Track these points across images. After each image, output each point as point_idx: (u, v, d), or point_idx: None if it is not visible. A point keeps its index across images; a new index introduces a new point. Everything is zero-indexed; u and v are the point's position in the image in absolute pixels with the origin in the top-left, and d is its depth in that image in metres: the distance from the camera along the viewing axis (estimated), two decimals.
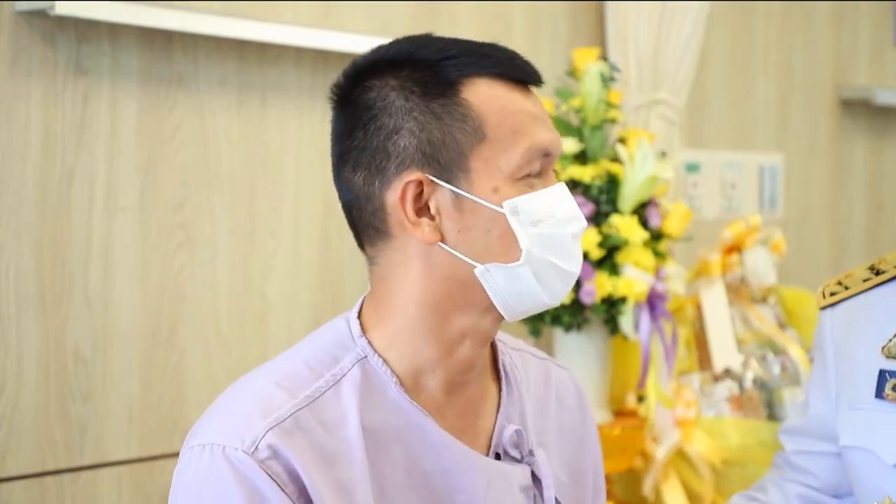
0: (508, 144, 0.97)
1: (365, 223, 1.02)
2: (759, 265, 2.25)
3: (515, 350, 1.15)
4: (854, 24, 2.84)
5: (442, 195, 0.97)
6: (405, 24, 2.00)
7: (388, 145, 0.98)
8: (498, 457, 1.04)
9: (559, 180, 1.03)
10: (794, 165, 2.74)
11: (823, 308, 1.42)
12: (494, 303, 0.99)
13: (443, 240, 0.98)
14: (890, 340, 1.32)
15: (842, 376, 1.36)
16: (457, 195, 0.97)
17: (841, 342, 1.37)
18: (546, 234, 0.98)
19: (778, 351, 2.23)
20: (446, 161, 0.97)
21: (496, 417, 1.05)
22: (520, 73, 1.00)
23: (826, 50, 2.79)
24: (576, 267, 1.01)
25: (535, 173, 0.98)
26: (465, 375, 1.03)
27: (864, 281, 1.39)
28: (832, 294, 1.40)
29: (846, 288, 1.40)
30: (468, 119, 0.97)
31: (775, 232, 2.32)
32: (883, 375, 1.31)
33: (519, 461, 1.05)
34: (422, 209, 0.98)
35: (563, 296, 1.03)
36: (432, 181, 0.97)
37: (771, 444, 1.90)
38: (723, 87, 2.60)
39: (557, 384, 1.16)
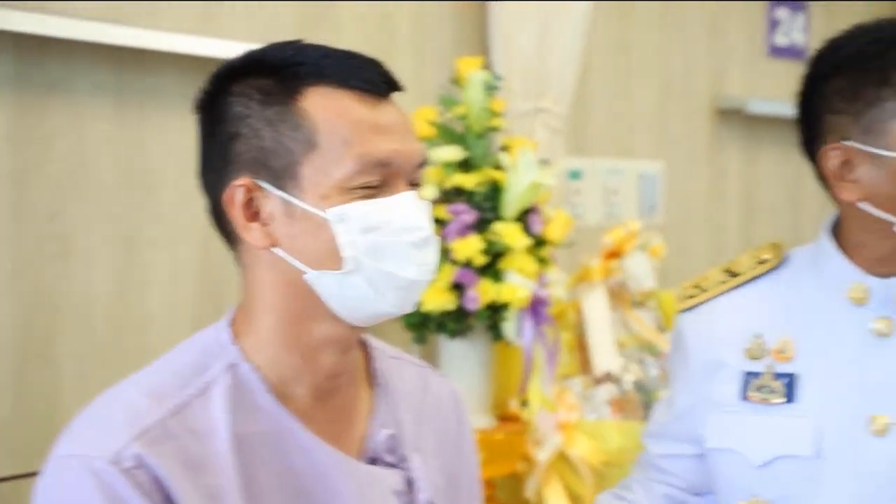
0: (339, 154, 0.97)
1: (223, 228, 1.02)
2: (639, 270, 2.31)
3: (393, 358, 1.15)
4: (728, 36, 2.93)
5: (273, 201, 0.97)
6: (288, 30, 1.99)
7: (226, 151, 0.98)
8: (372, 462, 1.05)
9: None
10: (673, 173, 2.81)
11: (681, 311, 1.43)
12: (332, 309, 0.99)
13: (277, 245, 0.98)
14: (752, 342, 1.35)
15: (704, 379, 1.38)
16: (286, 202, 0.97)
17: (702, 345, 1.39)
18: (379, 242, 0.97)
19: (657, 354, 2.29)
20: (278, 168, 0.97)
21: (369, 423, 1.06)
22: (367, 82, 0.99)
23: (702, 61, 2.87)
24: (419, 274, 0.99)
25: (374, 184, 0.98)
26: (333, 382, 1.03)
27: (721, 283, 1.41)
28: (690, 297, 1.41)
29: (703, 291, 1.42)
30: (301, 128, 0.97)
31: (654, 237, 2.38)
32: (746, 377, 1.35)
33: (393, 466, 1.05)
34: (254, 214, 0.98)
35: (409, 304, 1.02)
36: (262, 187, 0.97)
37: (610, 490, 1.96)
38: (604, 97, 2.66)
39: (435, 392, 1.17)
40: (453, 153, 1.99)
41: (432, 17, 2.28)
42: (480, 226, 1.98)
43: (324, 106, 0.97)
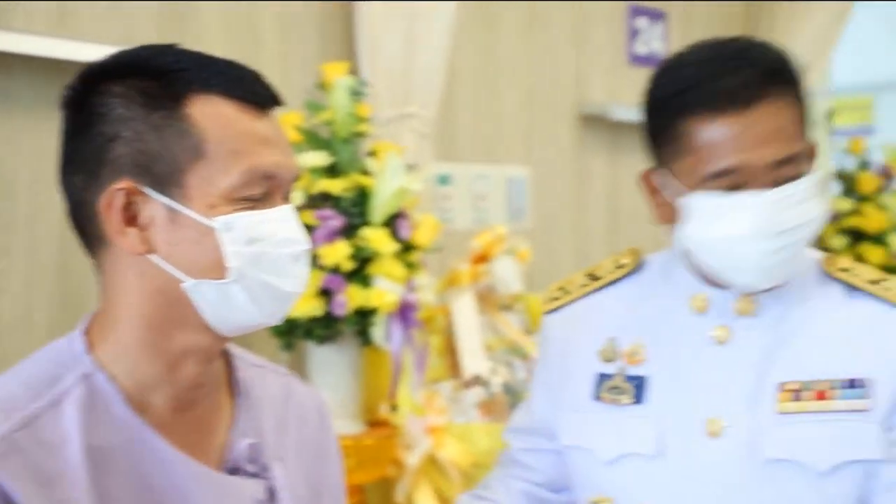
0: (227, 164, 0.96)
1: (86, 230, 0.99)
2: (506, 274, 2.34)
3: (255, 366, 1.14)
4: (591, 44, 3.00)
5: (154, 207, 0.96)
6: (149, 33, 1.95)
7: (104, 152, 0.96)
8: (233, 472, 1.04)
9: (289, 201, 1.03)
10: (539, 178, 2.86)
11: (546, 313, 1.47)
12: (206, 319, 0.98)
13: (154, 252, 0.96)
14: (606, 344, 1.40)
15: (562, 379, 1.42)
16: (170, 208, 0.96)
17: (562, 346, 1.44)
18: (262, 254, 0.97)
19: (524, 356, 2.32)
20: (161, 174, 0.95)
21: (230, 433, 1.05)
22: (252, 95, 0.99)
23: (566, 68, 2.93)
24: (295, 287, 1.01)
25: (257, 196, 0.98)
26: (194, 393, 1.02)
27: (582, 286, 1.46)
28: (554, 299, 1.46)
29: (567, 293, 1.46)
30: (188, 135, 0.96)
31: (521, 242, 2.41)
32: (599, 378, 1.39)
33: (255, 476, 1.04)
34: (132, 219, 0.96)
35: (280, 315, 1.02)
36: (143, 192, 0.96)
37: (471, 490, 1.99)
38: (471, 103, 2.69)
39: (298, 400, 1.16)
40: (320, 159, 1.98)
41: (298, 22, 2.27)
42: (348, 231, 1.97)
43: (212, 115, 0.96)
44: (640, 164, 1.41)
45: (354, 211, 1.99)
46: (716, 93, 1.25)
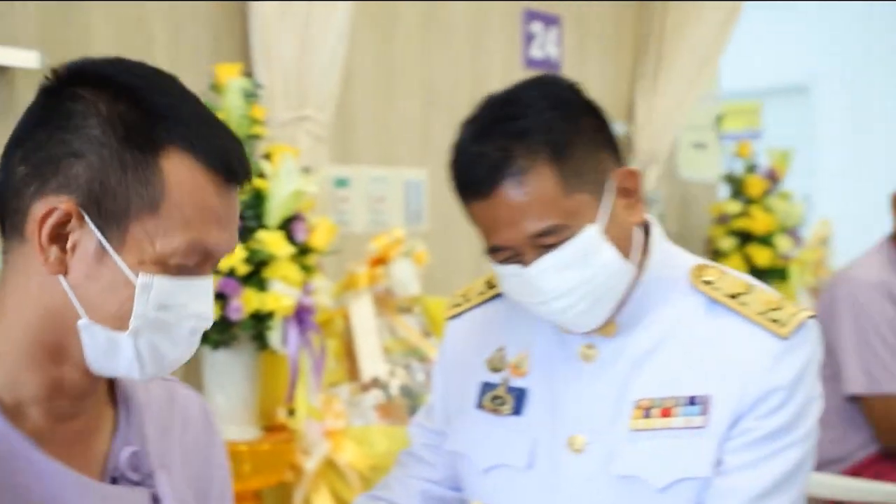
0: (174, 230, 0.94)
1: (7, 214, 0.96)
2: (404, 276, 2.34)
3: None
4: (488, 48, 3.02)
5: (87, 238, 0.93)
6: (32, 32, 1.90)
7: (62, 163, 0.93)
8: (115, 481, 1.02)
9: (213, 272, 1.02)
10: (436, 180, 2.87)
11: (448, 319, 1.50)
12: (87, 358, 0.97)
13: (67, 275, 0.94)
14: (495, 353, 1.41)
15: (453, 384, 1.44)
16: (101, 247, 0.93)
17: (458, 352, 1.45)
18: (165, 321, 0.96)
19: (422, 358, 2.33)
20: (109, 211, 0.93)
21: (112, 442, 1.03)
22: (227, 170, 0.97)
23: (463, 71, 2.94)
24: (182, 355, 1.00)
25: (187, 267, 0.97)
26: (76, 404, 1.00)
27: (480, 294, 1.48)
28: (456, 305, 1.49)
29: (467, 300, 1.48)
30: (150, 186, 0.93)
31: (418, 244, 2.42)
32: (483, 387, 1.40)
33: (138, 484, 1.03)
34: (60, 237, 0.93)
35: (151, 376, 1.01)
36: (84, 219, 0.93)
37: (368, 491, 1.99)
38: (368, 105, 2.68)
39: (182, 405, 1.15)
40: None
41: (189, 22, 2.23)
42: (243, 234, 1.95)
43: (181, 176, 0.94)
44: None
45: (249, 214, 1.96)
46: (464, 184, 1.29)
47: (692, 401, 1.29)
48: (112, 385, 1.07)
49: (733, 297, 1.33)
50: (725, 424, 1.29)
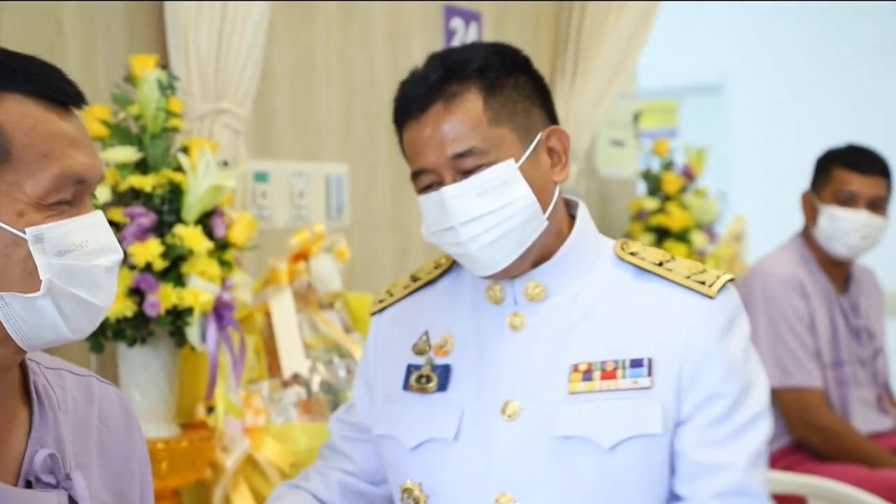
0: (36, 168, 0.91)
1: None
2: (325, 272, 2.33)
3: (51, 369, 1.09)
4: (409, 44, 3.02)
5: None
6: None
7: None
8: (29, 485, 0.99)
9: (116, 212, 1.00)
10: (358, 175, 2.86)
11: (373, 314, 1.53)
12: (11, 333, 0.93)
13: None
14: (420, 338, 1.45)
15: (380, 373, 1.48)
16: None
17: (383, 343, 1.50)
18: (73, 266, 0.93)
19: (344, 354, 2.31)
20: None
21: (27, 443, 1.00)
22: (58, 93, 0.94)
23: (383, 67, 2.94)
24: (105, 301, 0.97)
25: (66, 200, 0.94)
26: None
27: (405, 287, 1.53)
28: (380, 301, 1.54)
29: (391, 295, 1.53)
30: None
31: (339, 240, 2.41)
32: (409, 369, 1.43)
33: (54, 486, 1.00)
34: None
35: (89, 330, 0.99)
36: None
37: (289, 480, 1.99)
38: (288, 99, 2.66)
39: (100, 401, 1.12)
40: (128, 154, 1.91)
41: (104, 11, 2.18)
42: (159, 229, 1.92)
43: (17, 115, 0.91)
44: None
45: (166, 208, 1.93)
46: (402, 104, 1.42)
47: (635, 363, 1.34)
48: (26, 384, 1.03)
49: (659, 264, 1.38)
50: (672, 384, 1.35)
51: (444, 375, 1.42)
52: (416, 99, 1.38)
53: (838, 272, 2.97)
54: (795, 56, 6.31)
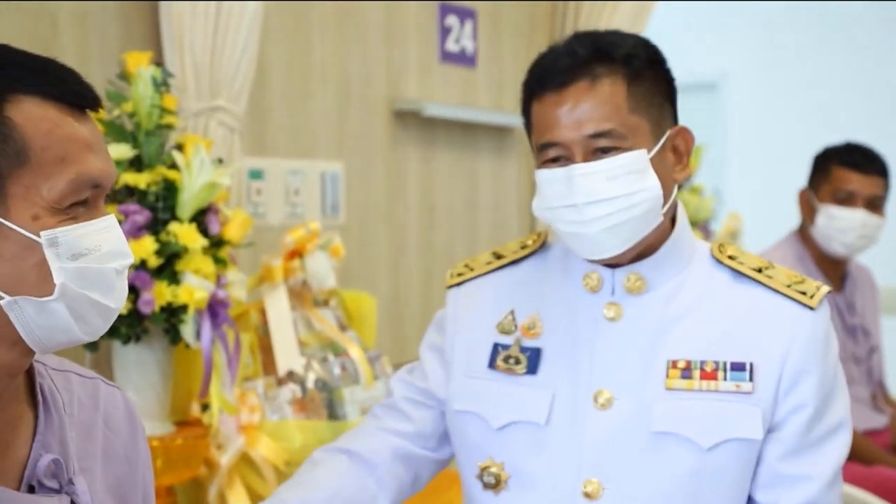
0: (54, 172, 0.91)
1: None
2: (320, 269, 2.32)
3: (58, 371, 1.09)
4: (404, 41, 3.02)
5: None
6: None
7: None
8: (32, 489, 0.98)
9: (110, 210, 1.00)
10: (353, 173, 2.86)
11: (450, 287, 1.55)
12: (23, 336, 0.93)
13: None
14: (505, 317, 1.45)
15: (459, 348, 1.49)
16: None
17: (462, 317, 1.51)
18: (87, 269, 0.93)
19: (339, 352, 2.31)
20: None
21: (31, 447, 0.99)
22: (75, 97, 0.94)
23: (379, 64, 2.93)
24: (117, 302, 0.98)
25: (83, 205, 0.94)
26: None
27: (487, 263, 1.53)
28: (459, 275, 1.54)
29: (471, 270, 1.53)
30: (10, 140, 0.89)
31: (334, 237, 2.40)
32: (496, 348, 1.43)
33: (57, 491, 0.99)
34: None
35: (102, 331, 0.99)
36: None
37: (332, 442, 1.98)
38: (283, 97, 2.65)
39: (106, 404, 1.12)
40: (122, 151, 1.91)
41: (98, 8, 2.18)
42: (154, 226, 1.91)
43: (34, 118, 0.91)
44: (452, 160, 1.47)
45: (161, 206, 1.93)
46: (542, 76, 1.39)
47: (736, 366, 1.34)
48: (32, 387, 1.03)
49: (759, 270, 1.39)
50: (771, 391, 1.36)
51: (533, 358, 1.42)
52: (560, 71, 1.36)
53: (835, 270, 2.97)
54: (790, 54, 6.31)
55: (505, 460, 1.40)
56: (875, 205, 2.87)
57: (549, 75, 1.37)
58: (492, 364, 1.44)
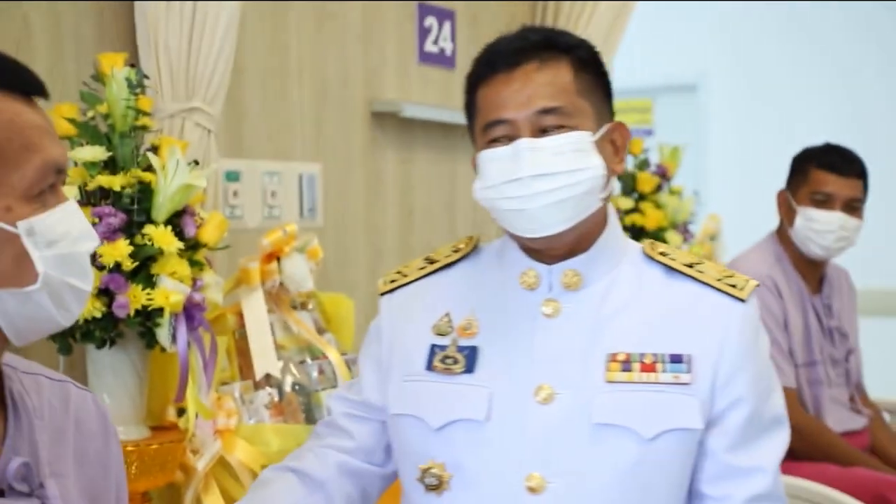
0: (21, 161, 0.91)
1: None
2: (297, 272, 2.31)
3: (28, 374, 1.08)
4: (382, 42, 3.01)
5: None
6: None
7: None
8: (1, 493, 0.97)
9: (84, 211, 1.00)
10: (331, 175, 2.84)
11: (383, 294, 1.56)
12: (4, 329, 0.92)
13: None
14: (441, 319, 1.46)
15: (396, 354, 1.49)
16: None
17: (397, 323, 1.51)
18: (63, 255, 0.93)
19: (316, 355, 2.30)
20: None
21: (1, 451, 0.98)
22: (26, 85, 0.94)
23: (357, 65, 2.92)
24: (90, 285, 0.98)
25: (48, 192, 0.93)
26: None
27: (420, 269, 1.53)
28: (391, 281, 1.54)
29: (404, 276, 1.54)
30: None
31: (312, 239, 2.39)
32: (433, 349, 1.44)
33: (28, 495, 0.98)
34: None
35: (77, 316, 0.99)
36: None
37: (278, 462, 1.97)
38: (260, 98, 2.64)
39: (77, 408, 1.10)
40: (97, 153, 1.89)
41: (72, 9, 2.16)
42: (129, 229, 1.89)
43: None
44: (431, 161, 1.47)
45: (136, 208, 1.91)
46: (491, 59, 1.43)
47: (675, 358, 1.37)
48: (1, 389, 1.02)
49: (689, 266, 1.41)
50: (708, 383, 1.40)
51: (471, 357, 1.43)
52: (510, 53, 1.41)
53: (812, 272, 2.97)
54: (769, 56, 6.34)
55: (446, 460, 1.40)
56: (853, 207, 2.88)
57: (500, 58, 1.42)
58: (429, 366, 1.45)
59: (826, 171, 2.87)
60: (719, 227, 4.22)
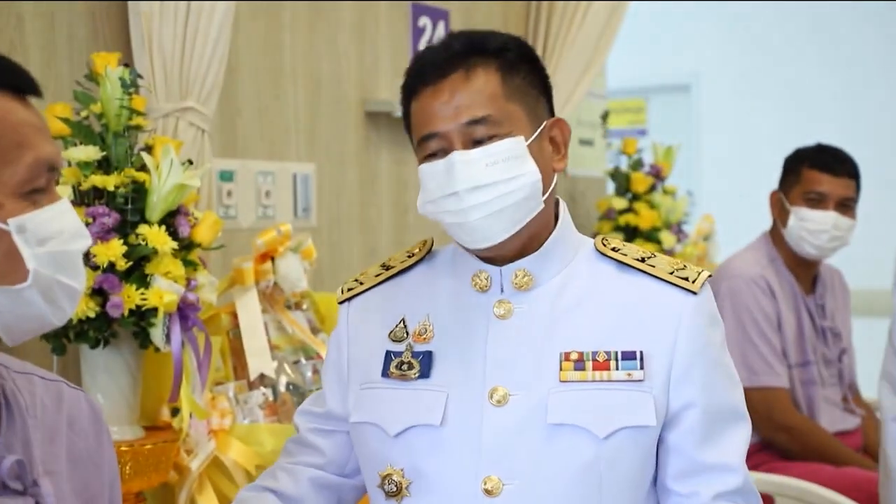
0: (13, 158, 0.91)
1: None
2: (291, 272, 2.31)
3: (20, 374, 1.07)
4: (376, 42, 3.01)
5: None
6: None
7: None
8: None
9: (78, 211, 1.00)
10: (325, 175, 2.84)
11: (341, 302, 1.55)
12: None
13: None
14: (397, 325, 1.46)
15: (354, 362, 1.49)
16: None
17: (355, 330, 1.51)
18: (55, 253, 0.93)
19: (311, 355, 2.30)
20: None
21: None
22: (20, 83, 0.94)
23: (351, 65, 2.92)
24: (82, 284, 0.98)
25: (40, 188, 0.93)
26: None
27: (376, 276, 1.53)
28: (349, 290, 1.54)
29: (361, 284, 1.53)
30: None
31: (306, 239, 2.39)
32: (388, 356, 1.44)
33: (22, 493, 0.98)
34: None
35: (70, 314, 0.99)
36: None
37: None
38: (254, 98, 2.64)
39: (70, 407, 1.10)
40: (90, 153, 1.89)
41: (65, 8, 2.15)
42: (123, 229, 1.89)
43: None
44: None
45: (130, 208, 1.91)
46: (420, 71, 1.41)
47: (627, 355, 1.37)
48: None
49: (641, 260, 1.41)
50: (663, 378, 1.39)
51: (426, 362, 1.43)
52: (436, 65, 1.39)
53: (806, 272, 2.98)
54: (763, 55, 6.35)
55: (404, 466, 1.40)
56: (846, 207, 2.89)
57: (427, 70, 1.40)
58: (385, 372, 1.45)
59: (819, 171, 2.88)
60: (713, 227, 4.23)
